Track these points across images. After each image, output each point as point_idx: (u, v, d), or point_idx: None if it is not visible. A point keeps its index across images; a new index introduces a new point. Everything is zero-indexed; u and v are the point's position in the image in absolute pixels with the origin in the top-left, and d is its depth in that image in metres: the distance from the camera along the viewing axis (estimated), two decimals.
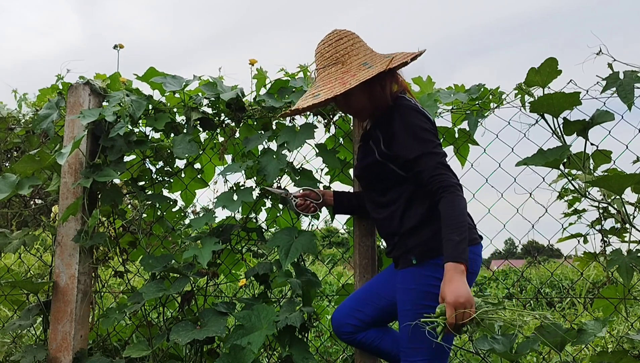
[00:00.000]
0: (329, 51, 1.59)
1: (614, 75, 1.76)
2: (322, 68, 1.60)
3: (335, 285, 6.81)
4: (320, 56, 1.62)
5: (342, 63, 1.57)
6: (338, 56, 1.58)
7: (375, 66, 1.54)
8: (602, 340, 2.91)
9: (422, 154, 1.47)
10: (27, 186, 2.06)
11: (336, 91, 1.50)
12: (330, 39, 1.61)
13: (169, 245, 2.41)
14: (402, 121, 1.52)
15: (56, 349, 2.01)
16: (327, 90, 1.53)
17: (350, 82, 1.50)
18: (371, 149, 1.60)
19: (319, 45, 1.63)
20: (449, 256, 1.36)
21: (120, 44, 2.21)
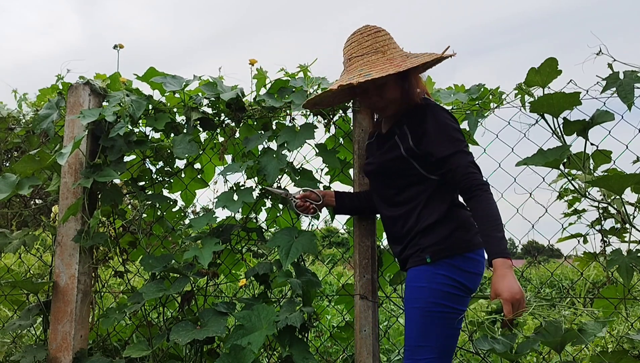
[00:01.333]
0: (368, 40, 1.61)
1: (614, 75, 1.76)
2: (361, 56, 1.60)
3: (335, 285, 6.81)
4: (357, 44, 1.62)
5: (383, 53, 1.59)
6: (378, 46, 1.60)
7: (417, 58, 1.58)
8: (602, 340, 2.91)
9: (455, 153, 1.51)
10: (27, 186, 2.06)
11: (390, 71, 1.51)
12: (369, 30, 1.63)
13: (169, 245, 2.41)
14: (435, 120, 1.55)
15: (56, 349, 2.01)
16: (379, 70, 1.53)
17: (403, 65, 1.52)
18: (395, 145, 1.61)
19: (354, 34, 1.65)
20: (496, 252, 1.40)
21: (120, 44, 2.21)
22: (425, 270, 1.52)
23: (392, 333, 3.94)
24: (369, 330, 1.90)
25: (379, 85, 1.58)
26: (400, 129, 1.61)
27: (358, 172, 2.00)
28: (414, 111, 1.59)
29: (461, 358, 2.72)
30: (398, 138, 1.61)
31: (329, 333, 2.37)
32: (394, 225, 1.66)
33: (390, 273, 2.19)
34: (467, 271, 1.52)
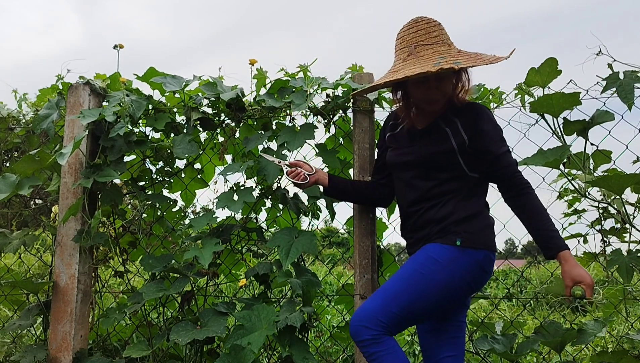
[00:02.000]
0: (435, 31, 1.59)
1: (614, 75, 1.76)
2: (430, 45, 1.58)
3: (335, 285, 6.81)
4: (425, 32, 1.59)
5: (449, 46, 1.59)
6: (444, 38, 1.60)
7: (484, 56, 1.57)
8: (602, 340, 2.91)
9: (506, 152, 1.61)
10: (27, 186, 2.06)
11: (478, 64, 1.51)
12: (433, 21, 1.61)
13: (169, 245, 2.41)
14: (490, 120, 1.61)
15: (56, 349, 2.01)
16: (463, 60, 1.52)
17: (479, 61, 1.52)
18: (444, 139, 1.60)
19: (419, 22, 1.62)
20: (560, 245, 1.52)
21: (120, 44, 2.21)
22: (451, 250, 1.53)
23: None
24: None
25: (441, 77, 1.57)
26: (451, 125, 1.61)
27: (358, 172, 2.00)
28: (467, 110, 1.61)
29: None
30: (450, 132, 1.60)
31: (329, 333, 2.37)
32: (423, 214, 1.63)
33: (390, 273, 2.19)
34: (483, 269, 1.55)
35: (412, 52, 1.59)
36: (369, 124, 2.03)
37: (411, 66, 1.54)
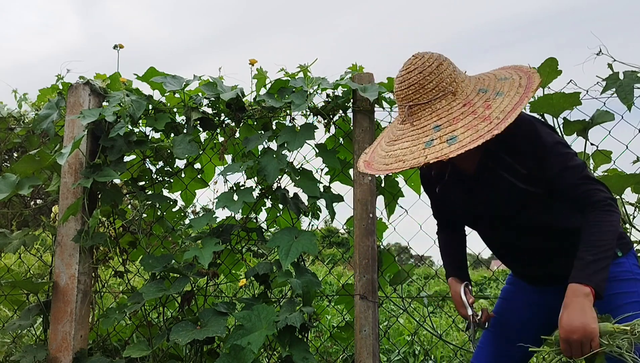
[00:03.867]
0: (432, 81, 1.26)
1: (614, 75, 1.76)
2: (426, 103, 1.27)
3: (335, 285, 6.81)
4: (419, 87, 1.27)
5: (453, 93, 1.26)
6: (445, 85, 1.26)
7: (502, 90, 1.26)
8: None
9: (560, 171, 1.28)
10: (27, 186, 2.06)
11: (481, 137, 1.16)
12: (430, 65, 1.27)
13: (169, 245, 2.41)
14: (528, 138, 1.30)
15: (56, 349, 2.01)
16: (465, 130, 1.19)
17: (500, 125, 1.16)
18: (502, 180, 1.34)
19: (409, 71, 1.29)
20: (574, 276, 1.20)
21: (120, 44, 2.21)
22: (623, 262, 1.35)
23: (392, 333, 3.94)
24: (369, 330, 1.90)
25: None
26: (497, 160, 1.34)
27: (358, 172, 2.00)
28: (513, 137, 1.29)
29: (461, 358, 2.72)
30: (503, 171, 1.34)
31: (329, 333, 2.37)
32: (537, 252, 1.42)
33: (390, 273, 2.19)
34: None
35: (407, 118, 1.30)
36: (369, 124, 2.03)
37: (406, 141, 1.28)
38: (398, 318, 3.85)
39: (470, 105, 1.24)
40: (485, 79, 1.34)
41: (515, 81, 1.28)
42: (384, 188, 2.16)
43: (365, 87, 1.97)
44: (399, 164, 1.27)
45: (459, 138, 1.18)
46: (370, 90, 1.94)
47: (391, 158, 1.30)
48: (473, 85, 1.30)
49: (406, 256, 11.93)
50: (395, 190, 2.16)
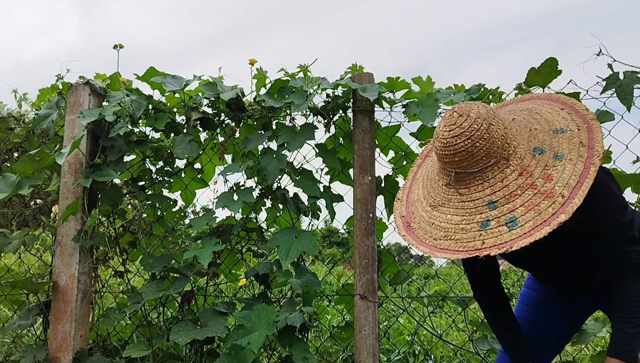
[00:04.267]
0: (483, 147, 1.08)
1: (614, 75, 1.76)
2: (476, 172, 1.11)
3: (335, 285, 6.81)
4: (467, 155, 1.09)
5: (506, 159, 1.09)
6: (497, 150, 1.09)
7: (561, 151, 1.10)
8: (602, 340, 2.91)
9: (609, 229, 1.19)
10: (27, 186, 2.06)
11: (559, 218, 1.00)
12: (478, 129, 1.09)
13: (169, 245, 2.41)
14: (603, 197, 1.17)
15: (56, 349, 2.01)
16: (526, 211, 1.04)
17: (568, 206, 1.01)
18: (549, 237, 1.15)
19: (453, 139, 1.11)
20: (615, 350, 1.15)
21: (120, 44, 2.21)
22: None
23: (392, 333, 3.94)
24: (369, 330, 1.90)
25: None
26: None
27: (358, 172, 2.00)
28: None
29: (461, 358, 2.72)
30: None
31: (329, 333, 2.37)
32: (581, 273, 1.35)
33: (390, 273, 2.19)
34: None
35: (452, 183, 1.14)
36: (369, 124, 2.03)
37: (456, 215, 1.13)
38: (398, 318, 3.85)
39: (528, 174, 1.08)
40: (538, 127, 1.16)
41: (574, 135, 1.11)
42: (384, 188, 2.16)
43: (365, 87, 1.97)
44: (449, 243, 1.10)
45: (519, 221, 1.03)
46: (370, 90, 1.94)
47: (439, 231, 1.15)
48: (526, 141, 1.12)
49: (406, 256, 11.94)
50: (395, 190, 2.16)
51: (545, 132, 1.15)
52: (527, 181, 1.07)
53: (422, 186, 1.30)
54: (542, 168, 1.08)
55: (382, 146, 2.16)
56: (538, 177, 1.07)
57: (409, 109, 1.97)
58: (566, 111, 1.19)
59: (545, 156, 1.10)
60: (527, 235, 1.00)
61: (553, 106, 1.23)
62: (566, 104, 1.21)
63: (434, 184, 1.23)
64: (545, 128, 1.16)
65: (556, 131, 1.14)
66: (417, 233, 1.21)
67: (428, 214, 1.20)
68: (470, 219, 1.10)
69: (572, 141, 1.10)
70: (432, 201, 1.21)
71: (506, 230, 1.04)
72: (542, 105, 1.25)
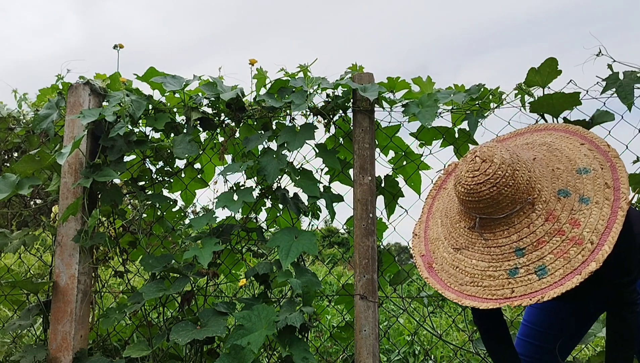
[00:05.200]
0: (508, 194, 1.06)
1: (614, 75, 1.76)
2: (502, 218, 1.08)
3: (335, 285, 6.81)
4: (492, 202, 1.07)
5: (532, 204, 1.07)
6: (522, 195, 1.06)
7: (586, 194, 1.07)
8: (602, 340, 2.91)
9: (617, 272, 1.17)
10: (27, 186, 2.06)
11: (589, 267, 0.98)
12: (503, 176, 1.06)
13: (169, 245, 2.41)
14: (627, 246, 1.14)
15: (56, 349, 2.01)
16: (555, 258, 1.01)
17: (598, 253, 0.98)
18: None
19: (478, 186, 1.08)
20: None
21: (120, 44, 2.21)
22: None
23: (392, 333, 3.94)
24: (369, 330, 1.90)
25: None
26: None
27: (358, 172, 2.00)
28: None
29: (461, 358, 2.72)
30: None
31: (329, 333, 2.37)
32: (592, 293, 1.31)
33: (390, 273, 2.19)
34: None
35: (476, 228, 1.12)
36: (369, 124, 2.03)
37: (482, 260, 1.10)
38: (398, 318, 3.85)
39: (554, 219, 1.04)
40: (560, 166, 1.12)
41: (598, 175, 1.08)
42: (384, 188, 2.16)
43: (365, 87, 1.97)
44: (477, 290, 1.07)
45: (549, 269, 1.00)
46: (370, 90, 1.94)
47: (464, 275, 1.11)
48: (550, 183, 1.09)
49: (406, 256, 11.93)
50: (395, 190, 2.16)
51: (568, 172, 1.12)
52: (554, 227, 1.04)
53: (441, 224, 1.27)
54: (569, 212, 1.05)
55: (382, 146, 2.16)
56: (565, 222, 1.04)
57: (408, 109, 1.97)
58: (587, 146, 1.17)
59: (571, 199, 1.07)
60: (557, 284, 0.98)
61: (572, 140, 1.20)
62: (586, 138, 1.19)
63: (455, 225, 1.20)
64: (568, 167, 1.13)
65: (579, 171, 1.11)
66: (441, 275, 1.18)
67: (451, 256, 1.18)
68: (497, 266, 1.07)
69: (597, 181, 1.08)
70: (454, 242, 1.18)
71: (536, 278, 1.01)
72: (560, 139, 1.23)
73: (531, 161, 1.12)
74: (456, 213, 1.21)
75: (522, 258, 1.04)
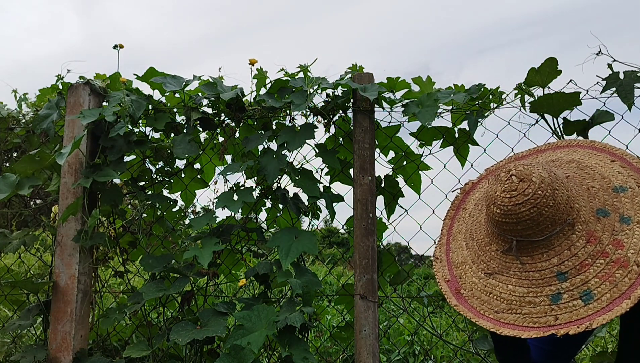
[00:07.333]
0: (548, 215, 1.00)
1: (614, 75, 1.76)
2: (541, 241, 1.02)
3: (335, 285, 6.81)
4: (532, 224, 1.01)
5: (571, 225, 1.01)
6: (562, 215, 1.01)
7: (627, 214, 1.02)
8: (602, 340, 2.91)
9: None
10: (27, 186, 2.06)
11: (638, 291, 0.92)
12: (543, 196, 1.00)
13: (169, 245, 2.41)
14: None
15: (56, 349, 2.01)
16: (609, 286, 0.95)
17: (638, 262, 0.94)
18: None
19: (516, 207, 1.02)
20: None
21: (120, 44, 2.21)
22: None
23: (392, 333, 3.95)
24: (369, 330, 1.90)
25: None
26: None
27: (358, 172, 2.00)
28: None
29: (461, 358, 2.72)
30: None
31: (329, 333, 2.37)
32: None
33: (390, 273, 2.19)
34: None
35: (513, 252, 1.05)
36: (369, 124, 2.03)
37: (519, 286, 1.03)
38: (398, 318, 3.85)
39: (596, 240, 0.99)
40: (595, 185, 1.08)
41: (636, 193, 1.03)
42: (384, 188, 2.16)
43: (365, 87, 1.97)
44: (516, 318, 1.01)
45: (595, 294, 0.94)
46: (370, 90, 1.94)
47: (500, 302, 1.05)
48: (587, 203, 1.04)
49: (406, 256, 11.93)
50: (395, 190, 2.16)
51: (604, 191, 1.07)
52: (596, 249, 0.99)
53: (466, 247, 1.21)
54: (610, 233, 1.00)
55: (382, 146, 2.16)
56: (608, 244, 0.98)
57: (408, 109, 1.97)
58: (618, 163, 1.12)
59: (611, 219, 1.02)
60: (605, 310, 0.92)
61: (601, 157, 1.16)
62: (615, 155, 1.14)
63: (485, 248, 1.14)
64: (604, 186, 1.08)
65: (616, 190, 1.06)
66: (472, 302, 1.11)
67: (482, 282, 1.11)
68: (538, 292, 1.00)
69: (635, 200, 1.03)
70: (485, 266, 1.12)
71: (581, 304, 0.95)
72: (588, 156, 1.18)
73: (566, 179, 1.07)
74: (485, 235, 1.15)
75: (565, 283, 0.99)
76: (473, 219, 1.24)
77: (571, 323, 0.93)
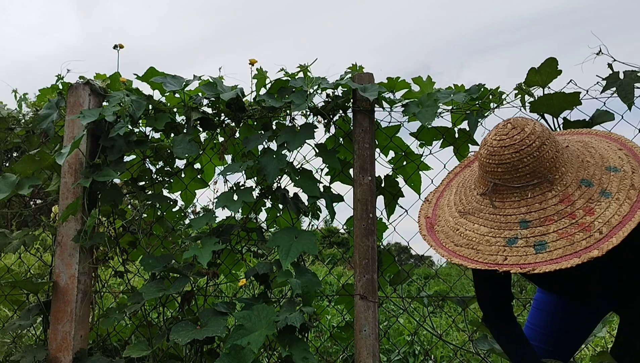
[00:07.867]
0: (529, 164, 1.04)
1: (614, 75, 1.76)
2: (516, 189, 1.06)
3: (335, 285, 6.81)
4: (511, 168, 1.05)
5: (550, 182, 1.04)
6: (543, 171, 1.04)
7: (610, 189, 1.04)
8: (602, 340, 2.91)
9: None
10: (27, 186, 2.06)
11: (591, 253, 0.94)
12: (529, 145, 1.04)
13: (169, 245, 2.41)
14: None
15: (56, 349, 2.01)
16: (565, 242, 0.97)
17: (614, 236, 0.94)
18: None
19: (501, 149, 1.06)
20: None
21: (120, 44, 2.21)
22: None
23: (392, 333, 3.95)
24: (369, 330, 1.90)
25: None
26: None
27: (358, 172, 2.00)
28: None
29: (461, 358, 2.72)
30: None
31: (329, 333, 2.37)
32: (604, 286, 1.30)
33: (390, 273, 2.19)
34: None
35: (488, 193, 1.10)
36: (369, 124, 2.03)
37: (484, 226, 1.09)
38: (398, 318, 3.85)
39: (569, 202, 1.02)
40: (590, 160, 1.11)
41: (627, 176, 1.05)
42: (384, 188, 2.16)
43: (365, 87, 1.97)
44: (470, 252, 1.07)
45: (549, 246, 0.98)
46: (370, 90, 1.94)
47: (462, 238, 1.12)
48: (575, 171, 1.07)
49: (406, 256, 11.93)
50: (395, 190, 2.16)
51: (597, 167, 1.10)
52: (566, 209, 1.02)
53: (455, 193, 1.27)
54: (586, 200, 1.02)
55: (382, 146, 2.16)
56: (579, 208, 1.01)
57: (408, 109, 1.97)
58: (624, 152, 1.14)
59: (592, 190, 1.04)
60: (553, 262, 0.95)
61: (611, 144, 1.19)
62: (625, 145, 1.17)
63: (468, 192, 1.20)
64: (599, 163, 1.11)
65: (609, 169, 1.09)
66: (439, 236, 1.18)
67: (455, 220, 1.17)
68: (497, 233, 1.06)
69: (624, 181, 1.05)
70: (462, 207, 1.18)
71: (532, 251, 0.99)
72: (599, 141, 1.21)
73: (563, 146, 1.10)
74: (473, 182, 1.21)
75: (524, 230, 1.02)
76: (471, 173, 1.30)
77: (517, 265, 0.97)
